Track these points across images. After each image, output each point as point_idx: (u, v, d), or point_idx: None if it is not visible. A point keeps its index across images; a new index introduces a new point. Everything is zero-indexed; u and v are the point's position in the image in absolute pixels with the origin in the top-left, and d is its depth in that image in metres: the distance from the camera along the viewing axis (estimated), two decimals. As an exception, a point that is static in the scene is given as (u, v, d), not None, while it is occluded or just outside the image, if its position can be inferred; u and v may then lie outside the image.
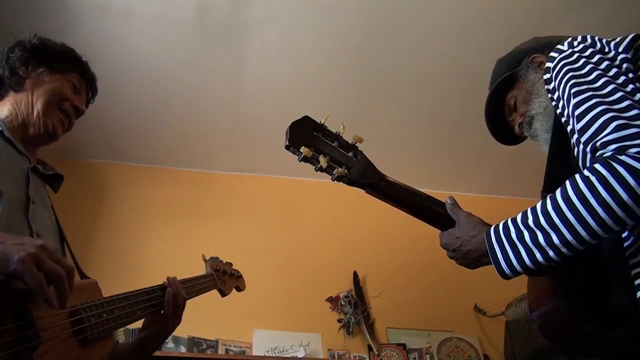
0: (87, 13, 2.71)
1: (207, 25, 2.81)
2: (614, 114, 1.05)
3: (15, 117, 1.46)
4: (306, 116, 1.31)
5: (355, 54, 2.96)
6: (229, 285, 1.99)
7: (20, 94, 1.48)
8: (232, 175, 3.71)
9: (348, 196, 3.75)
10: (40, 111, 1.47)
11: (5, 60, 1.51)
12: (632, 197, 0.99)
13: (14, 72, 1.49)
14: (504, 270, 1.19)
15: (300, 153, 1.26)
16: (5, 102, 1.48)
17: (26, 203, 1.32)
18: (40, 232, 1.32)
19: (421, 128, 3.43)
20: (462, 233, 1.32)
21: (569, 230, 1.06)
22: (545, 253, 1.11)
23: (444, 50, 2.96)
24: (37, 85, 1.50)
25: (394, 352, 3.05)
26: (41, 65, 1.52)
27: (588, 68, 1.15)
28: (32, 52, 1.54)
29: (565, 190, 1.08)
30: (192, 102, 3.22)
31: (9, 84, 1.49)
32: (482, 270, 1.36)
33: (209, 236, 3.36)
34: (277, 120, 3.39)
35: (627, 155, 1.00)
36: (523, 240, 1.14)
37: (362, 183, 1.32)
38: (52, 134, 1.50)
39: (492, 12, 2.77)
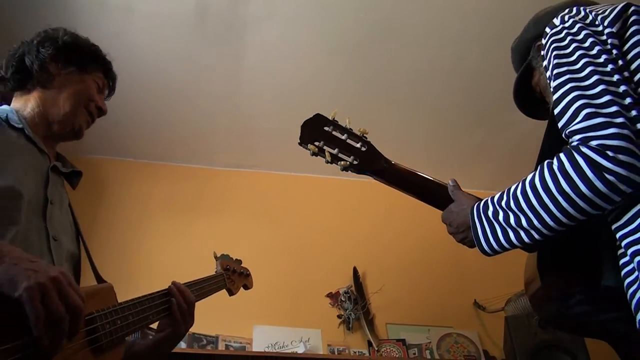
0: (86, 9, 2.70)
1: (206, 22, 2.80)
2: (585, 101, 1.06)
3: (39, 113, 1.44)
4: (317, 114, 1.45)
5: (356, 52, 2.95)
6: (237, 284, 1.99)
7: (48, 92, 1.46)
8: (231, 172, 3.71)
9: (348, 192, 3.77)
10: (69, 111, 1.46)
11: (35, 54, 1.48)
12: (590, 188, 1.01)
13: (44, 68, 1.47)
14: (484, 246, 1.24)
15: (310, 149, 1.42)
16: (29, 98, 1.46)
17: (44, 204, 1.31)
18: (57, 236, 1.31)
19: (422, 125, 3.43)
20: (455, 208, 1.38)
21: (535, 215, 1.10)
22: (518, 234, 1.15)
23: (444, 48, 2.95)
24: (65, 84, 1.48)
25: (393, 347, 3.05)
26: (71, 63, 1.51)
27: (572, 47, 1.16)
28: (63, 49, 1.51)
29: (533, 177, 1.12)
30: (192, 98, 3.21)
31: (38, 79, 1.46)
32: (482, 266, 1.38)
33: (208, 232, 3.36)
34: (276, 117, 3.40)
35: (588, 147, 1.01)
36: (498, 219, 1.19)
37: (368, 171, 1.41)
38: (77, 133, 1.51)
39: (492, 9, 2.76)
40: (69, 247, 1.38)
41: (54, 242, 1.28)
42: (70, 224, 1.45)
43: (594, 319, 1.22)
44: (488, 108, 3.25)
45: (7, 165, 1.24)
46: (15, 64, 1.48)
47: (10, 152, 1.29)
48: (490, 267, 2.96)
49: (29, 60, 1.47)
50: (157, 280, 3.36)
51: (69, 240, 1.40)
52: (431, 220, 1.71)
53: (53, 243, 1.27)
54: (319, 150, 1.41)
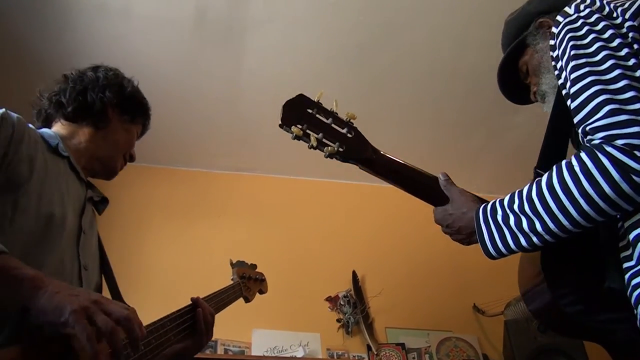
0: (86, 13, 2.70)
1: (206, 25, 2.80)
2: (608, 96, 1.01)
3: (85, 149, 1.49)
4: (300, 94, 1.32)
5: (356, 55, 2.96)
6: (253, 291, 2.00)
7: (99, 132, 1.51)
8: (230, 175, 3.71)
9: (347, 196, 3.77)
10: (112, 156, 1.55)
11: (100, 95, 1.52)
12: (615, 190, 0.96)
13: (104, 111, 1.52)
14: (490, 251, 1.19)
15: (292, 132, 1.27)
16: (79, 131, 1.50)
17: (78, 233, 1.35)
18: (87, 265, 1.34)
19: (422, 128, 3.43)
20: (454, 210, 1.31)
21: (552, 219, 1.05)
22: (529, 239, 1.11)
23: (444, 51, 2.95)
24: (117, 130, 1.55)
25: (393, 351, 3.05)
26: (126, 113, 1.58)
27: (590, 38, 1.10)
28: (126, 100, 1.59)
29: (550, 178, 1.06)
30: (191, 102, 3.21)
31: (94, 119, 1.51)
32: (481, 270, 1.36)
33: (208, 235, 3.36)
34: (276, 121, 3.37)
35: (614, 146, 0.97)
36: (508, 223, 1.14)
37: (354, 159, 1.32)
38: (109, 176, 1.59)
39: (493, 12, 2.75)
40: (96, 275, 1.42)
41: (84, 271, 1.31)
42: (96, 252, 1.49)
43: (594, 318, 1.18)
44: (488, 111, 3.26)
45: (55, 192, 1.29)
46: (80, 98, 1.52)
47: (58, 179, 1.33)
48: (489, 271, 2.96)
49: (92, 97, 1.51)
50: (156, 283, 3.38)
51: (96, 269, 1.43)
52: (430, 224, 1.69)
53: (84, 272, 1.31)
54: (302, 134, 1.27)
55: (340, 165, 3.21)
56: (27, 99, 3.17)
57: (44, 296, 0.94)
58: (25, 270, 0.99)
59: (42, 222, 1.21)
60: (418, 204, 1.39)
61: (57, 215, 1.25)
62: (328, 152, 1.28)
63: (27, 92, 3.15)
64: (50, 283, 0.98)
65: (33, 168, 1.25)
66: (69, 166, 1.42)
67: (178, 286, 3.08)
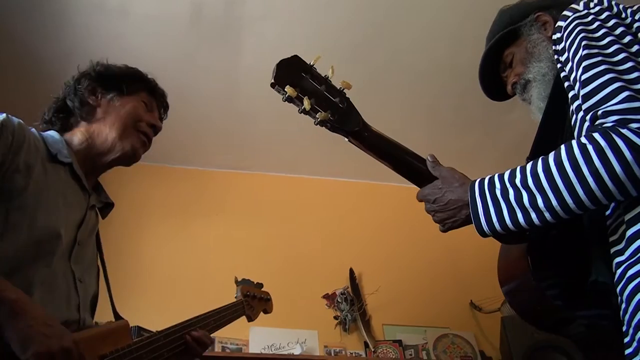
0: (83, 11, 2.70)
1: (202, 22, 2.80)
2: (622, 83, 1.01)
3: (88, 146, 1.44)
4: (295, 55, 1.27)
5: (351, 53, 2.96)
6: (256, 310, 1.97)
7: (94, 124, 1.46)
8: (227, 173, 3.71)
9: (344, 193, 3.77)
10: (116, 136, 1.44)
11: (73, 93, 1.49)
12: (626, 172, 0.96)
13: (84, 102, 1.47)
14: (482, 226, 1.15)
15: (285, 92, 1.21)
16: (75, 132, 1.46)
17: (72, 245, 1.30)
18: (82, 278, 1.31)
19: (418, 126, 3.43)
20: (445, 184, 1.26)
21: (556, 195, 1.03)
22: (528, 215, 1.08)
23: (440, 49, 2.96)
24: (109, 111, 1.47)
25: (390, 348, 3.06)
26: (110, 90, 1.50)
27: (602, 32, 1.11)
28: (98, 79, 1.52)
29: (559, 155, 1.04)
30: (188, 100, 3.21)
31: (80, 115, 1.46)
32: (478, 266, 1.35)
33: (205, 234, 3.36)
34: (273, 119, 3.39)
35: (629, 129, 0.97)
36: (507, 198, 1.11)
37: (344, 130, 1.27)
38: (132, 155, 1.49)
39: (488, 10, 2.75)
40: (93, 287, 1.39)
41: (80, 283, 1.28)
42: (92, 259, 1.45)
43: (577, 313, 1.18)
44: (484, 109, 3.25)
45: (51, 206, 1.24)
46: (56, 106, 1.49)
47: (56, 191, 1.29)
48: (486, 268, 2.96)
49: (70, 100, 1.48)
50: (153, 282, 3.38)
51: (92, 280, 1.40)
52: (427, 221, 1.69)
53: (79, 285, 1.28)
54: (295, 96, 1.21)
55: (337, 163, 3.25)
56: (25, 97, 3.17)
57: (17, 326, 0.93)
58: (7, 294, 0.97)
59: (35, 238, 1.17)
60: (415, 202, 1.38)
61: (52, 230, 1.21)
62: (319, 119, 1.23)
63: (24, 91, 3.17)
64: (29, 312, 0.96)
65: (30, 179, 1.22)
66: (70, 174, 1.37)
67: (175, 284, 3.09)
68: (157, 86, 1.68)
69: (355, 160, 3.70)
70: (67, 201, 1.32)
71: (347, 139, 1.30)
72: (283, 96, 1.22)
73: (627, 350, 1.02)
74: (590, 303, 1.16)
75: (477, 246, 3.50)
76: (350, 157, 3.68)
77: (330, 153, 3.59)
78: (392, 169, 1.32)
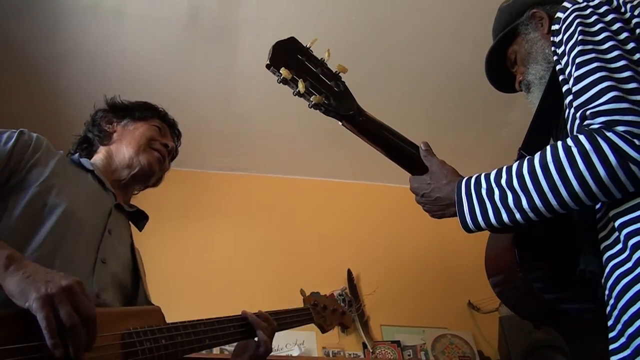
0: (77, 13, 2.69)
1: (198, 24, 2.80)
2: (612, 83, 1.01)
3: (107, 164, 1.60)
4: (292, 37, 1.31)
5: (349, 53, 2.95)
6: (329, 321, 1.95)
7: (111, 146, 1.64)
8: (224, 175, 3.70)
9: (341, 194, 3.77)
10: (132, 153, 1.60)
11: (92, 124, 1.70)
12: (610, 176, 0.97)
13: (102, 130, 1.67)
14: (468, 224, 1.17)
15: (280, 74, 1.22)
16: (97, 153, 1.63)
17: (102, 232, 1.38)
18: (105, 259, 1.34)
19: (416, 124, 3.42)
20: (433, 180, 1.28)
21: (540, 197, 1.04)
22: (512, 215, 1.10)
23: (438, 48, 2.96)
24: (124, 134, 1.65)
25: (388, 349, 3.05)
26: (124, 117, 1.69)
27: (598, 27, 1.11)
28: (112, 109, 1.73)
29: (544, 156, 1.05)
30: (183, 101, 3.20)
31: (99, 141, 1.65)
32: (476, 267, 1.34)
33: (202, 235, 3.36)
34: (269, 120, 3.40)
35: (614, 132, 0.97)
36: (492, 198, 1.12)
37: (339, 114, 1.27)
38: (148, 170, 1.63)
39: (487, 8, 2.76)
40: (119, 273, 1.41)
41: (100, 264, 1.32)
42: (127, 258, 1.52)
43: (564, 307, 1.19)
44: (482, 107, 3.26)
45: (69, 189, 1.34)
46: (79, 140, 1.71)
47: (74, 182, 1.40)
48: (483, 268, 2.96)
49: (89, 132, 1.69)
50: (151, 284, 3.34)
51: (121, 269, 1.44)
52: (424, 222, 1.69)
53: (99, 264, 1.31)
54: (290, 78, 1.22)
55: (335, 165, 3.25)
56: (20, 98, 3.17)
57: (14, 278, 0.94)
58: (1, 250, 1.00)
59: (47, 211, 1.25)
60: (414, 202, 1.38)
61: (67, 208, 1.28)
62: (314, 102, 1.23)
63: (18, 92, 3.15)
64: (25, 267, 0.97)
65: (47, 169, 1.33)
66: (94, 179, 1.50)
67: (173, 287, 3.08)
68: (168, 115, 1.84)
69: (353, 161, 3.72)
70: (86, 192, 1.42)
71: (340, 123, 1.30)
72: (278, 78, 1.23)
73: (613, 345, 1.03)
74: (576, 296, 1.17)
75: (475, 246, 3.49)
76: (348, 158, 3.70)
77: (327, 154, 3.59)
78: (385, 154, 1.34)
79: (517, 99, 1.75)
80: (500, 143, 3.49)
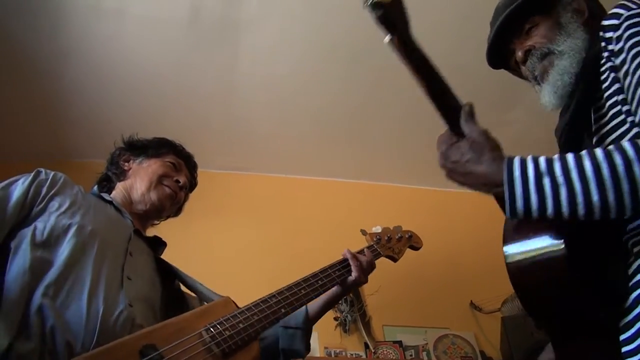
0: (79, 12, 2.69)
1: (200, 24, 2.79)
2: None
3: (125, 198, 1.73)
4: None
5: (351, 54, 2.95)
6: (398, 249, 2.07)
7: (127, 181, 1.77)
8: (226, 174, 3.70)
9: (343, 194, 3.76)
10: (144, 190, 1.72)
11: (111, 163, 1.86)
12: None
13: (119, 167, 1.81)
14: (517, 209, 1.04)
15: None
16: (115, 190, 1.77)
17: (124, 255, 1.47)
18: (130, 277, 1.42)
19: (419, 123, 3.41)
20: (473, 151, 1.17)
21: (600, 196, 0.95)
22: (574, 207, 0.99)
23: (440, 47, 2.94)
24: (139, 172, 1.78)
25: (390, 349, 3.05)
26: (139, 155, 1.83)
27: None
28: (129, 147, 1.86)
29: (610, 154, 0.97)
30: (185, 101, 3.21)
31: (117, 178, 1.79)
32: (478, 267, 1.34)
33: (204, 234, 3.35)
34: (272, 120, 3.39)
35: None
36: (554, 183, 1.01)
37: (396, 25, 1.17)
38: (158, 206, 1.76)
39: (489, 10, 2.75)
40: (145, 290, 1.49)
41: (127, 280, 1.39)
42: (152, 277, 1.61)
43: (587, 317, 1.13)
44: (484, 107, 3.19)
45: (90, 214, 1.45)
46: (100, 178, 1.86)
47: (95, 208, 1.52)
48: (486, 269, 2.96)
49: (109, 170, 1.84)
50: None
51: (147, 287, 1.52)
52: (427, 222, 1.69)
53: (126, 281, 1.38)
54: None
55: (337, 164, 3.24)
56: (21, 97, 3.16)
57: None
58: None
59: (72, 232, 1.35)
60: (415, 202, 1.37)
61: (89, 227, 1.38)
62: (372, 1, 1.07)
63: (20, 91, 3.15)
64: None
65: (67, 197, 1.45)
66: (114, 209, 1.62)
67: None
68: (184, 150, 1.98)
69: (356, 161, 3.72)
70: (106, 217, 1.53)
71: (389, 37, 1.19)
72: None
73: (626, 347, 1.02)
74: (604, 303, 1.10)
75: (477, 246, 3.51)
76: (351, 157, 3.70)
77: (330, 154, 3.58)
78: (425, 89, 1.23)
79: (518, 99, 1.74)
80: (502, 142, 3.48)
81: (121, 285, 1.36)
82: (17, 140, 3.28)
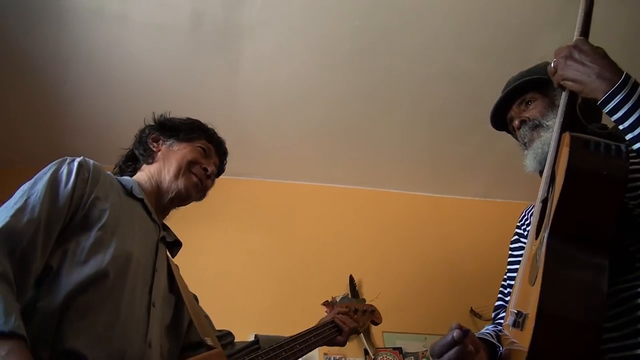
0: (81, 17, 2.70)
1: (201, 31, 2.80)
2: None
3: (150, 184, 1.61)
4: None
5: (352, 60, 2.96)
6: (362, 322, 2.13)
7: (154, 165, 1.66)
8: (227, 180, 3.66)
9: (344, 200, 3.76)
10: (172, 176, 1.62)
11: (138, 141, 1.73)
12: None
13: (147, 148, 1.69)
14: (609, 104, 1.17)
15: None
16: (140, 174, 1.66)
17: (152, 272, 1.42)
18: (155, 303, 1.38)
19: (420, 131, 3.43)
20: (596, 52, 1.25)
21: None
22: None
23: (440, 56, 2.96)
24: (167, 155, 1.67)
25: (390, 356, 3.05)
26: (170, 137, 1.71)
27: None
28: (160, 128, 1.75)
29: None
30: (186, 107, 3.18)
31: (144, 159, 1.68)
32: (478, 274, 1.34)
33: (204, 240, 3.35)
34: (272, 126, 3.40)
35: None
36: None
37: None
38: (184, 195, 1.66)
39: (489, 17, 2.77)
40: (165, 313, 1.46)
41: (152, 308, 1.35)
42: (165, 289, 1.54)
43: None
44: (485, 115, 3.24)
45: (126, 229, 1.37)
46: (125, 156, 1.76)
47: (129, 218, 1.42)
48: (486, 276, 2.96)
49: (136, 149, 1.72)
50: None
51: (165, 305, 1.48)
52: (427, 228, 1.69)
53: (152, 309, 1.35)
54: None
55: (337, 170, 3.23)
56: (22, 101, 3.17)
57: None
58: None
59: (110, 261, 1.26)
60: (416, 209, 1.38)
61: (130, 254, 1.32)
62: None
63: (21, 96, 3.16)
64: None
65: (108, 206, 1.35)
66: (142, 208, 1.52)
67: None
68: (216, 134, 1.89)
69: (356, 167, 3.72)
70: (141, 231, 1.44)
71: None
72: None
73: None
74: None
75: (477, 253, 3.51)
76: (351, 164, 3.70)
77: (330, 160, 3.59)
78: None
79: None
80: (502, 151, 3.48)
81: (147, 320, 1.32)
82: (18, 145, 3.29)
